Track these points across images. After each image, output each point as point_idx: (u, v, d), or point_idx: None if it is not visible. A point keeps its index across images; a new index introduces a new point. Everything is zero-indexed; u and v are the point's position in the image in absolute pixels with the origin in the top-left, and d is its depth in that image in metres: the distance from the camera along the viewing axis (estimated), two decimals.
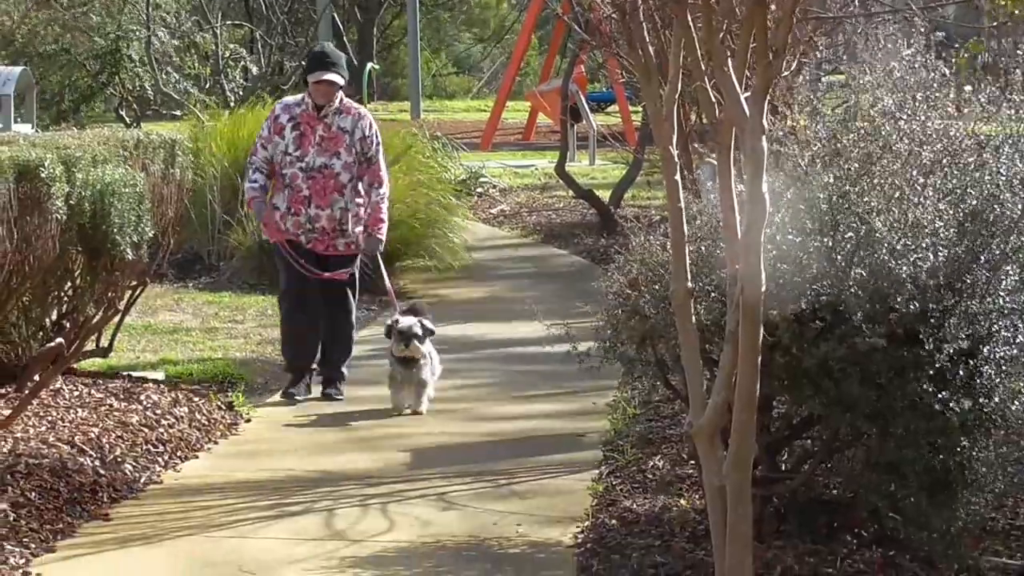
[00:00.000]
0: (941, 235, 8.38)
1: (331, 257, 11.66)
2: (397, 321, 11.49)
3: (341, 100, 11.52)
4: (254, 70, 30.78)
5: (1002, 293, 8.33)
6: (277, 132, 11.29)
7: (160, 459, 11.06)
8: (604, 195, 25.04)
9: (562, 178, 26.34)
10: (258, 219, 11.62)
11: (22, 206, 10.39)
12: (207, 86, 27.47)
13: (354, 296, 12.14)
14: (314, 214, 11.27)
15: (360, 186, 11.67)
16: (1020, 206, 8.72)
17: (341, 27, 49.39)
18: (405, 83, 46.92)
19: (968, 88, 9.33)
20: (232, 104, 25.78)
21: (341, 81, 11.44)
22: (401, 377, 11.24)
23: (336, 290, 11.84)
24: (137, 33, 28.98)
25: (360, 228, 11.74)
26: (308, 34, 41.42)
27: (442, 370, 12.34)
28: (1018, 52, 9.70)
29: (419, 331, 11.13)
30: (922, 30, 10.14)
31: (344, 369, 12.56)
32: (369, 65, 51.39)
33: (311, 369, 12.14)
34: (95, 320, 12.23)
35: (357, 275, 12.16)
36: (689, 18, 7.65)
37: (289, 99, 11.74)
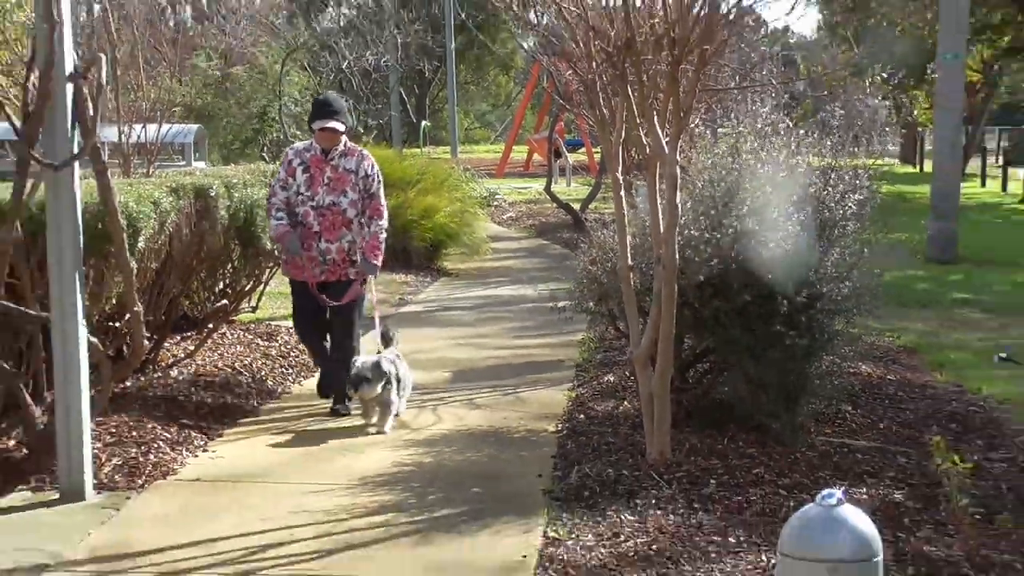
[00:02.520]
0: (790, 230, 8.44)
1: (340, 283, 9.76)
2: (353, 363, 9.27)
3: (345, 143, 9.75)
4: (349, 122, 30.60)
5: (828, 266, 8.42)
6: (289, 174, 9.65)
7: (290, 377, 11.14)
8: (576, 205, 25.08)
9: (548, 195, 26.44)
10: (293, 253, 9.59)
11: (198, 215, 10.42)
12: None
13: (358, 321, 10.01)
14: (324, 247, 9.59)
15: (363, 220, 9.79)
16: (840, 212, 8.84)
17: (404, 97, 49.23)
18: (447, 134, 46.76)
19: (803, 133, 9.43)
20: None
21: (342, 128, 9.69)
22: (370, 402, 9.29)
23: (342, 318, 9.83)
24: (274, 103, 28.93)
25: (360, 257, 9.79)
26: (382, 102, 41.30)
27: (411, 392, 9.94)
28: (840, 112, 9.81)
29: (368, 375, 9.03)
30: (775, 96, 10.19)
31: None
32: (424, 122, 51.30)
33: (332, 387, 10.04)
34: (247, 288, 12.26)
35: (362, 305, 10.09)
36: (629, 90, 7.69)
37: (299, 144, 10.07)
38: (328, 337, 10.03)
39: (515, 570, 6.39)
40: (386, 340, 9.80)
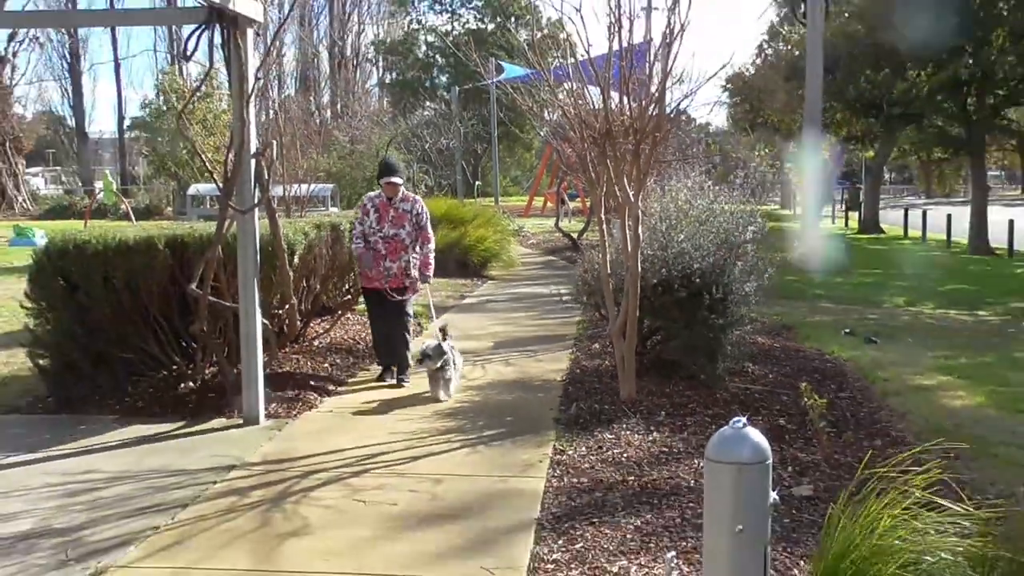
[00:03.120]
0: (711, 249, 8.35)
1: (399, 289, 8.95)
2: (422, 344, 8.58)
3: (403, 191, 9.04)
4: (429, 182, 30.55)
5: (735, 273, 8.31)
6: (365, 214, 8.99)
7: None
8: (574, 235, 24.89)
9: (557, 229, 26.19)
10: (367, 267, 8.93)
11: (332, 240, 10.38)
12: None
13: (409, 317, 9.26)
14: (389, 265, 8.89)
15: (417, 245, 9.06)
16: (743, 237, 8.74)
17: (464, 166, 49.21)
18: (491, 189, 46.76)
19: (718, 188, 9.36)
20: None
21: (400, 181, 8.99)
22: (435, 378, 8.31)
23: (399, 311, 9.03)
24: None
25: (417, 271, 9.05)
26: (450, 169, 41.22)
27: (463, 363, 9.16)
28: (741, 174, 9.72)
29: (430, 353, 8.26)
30: (701, 165, 10.11)
31: (407, 370, 9.09)
32: (477, 182, 51.30)
33: (393, 363, 9.16)
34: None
35: (411, 308, 9.30)
36: (608, 161, 7.62)
37: (371, 194, 9.26)
38: (386, 343, 9.20)
39: (534, 467, 6.31)
40: (443, 334, 8.68)
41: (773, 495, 3.40)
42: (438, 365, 8.28)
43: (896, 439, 6.88)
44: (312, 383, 8.86)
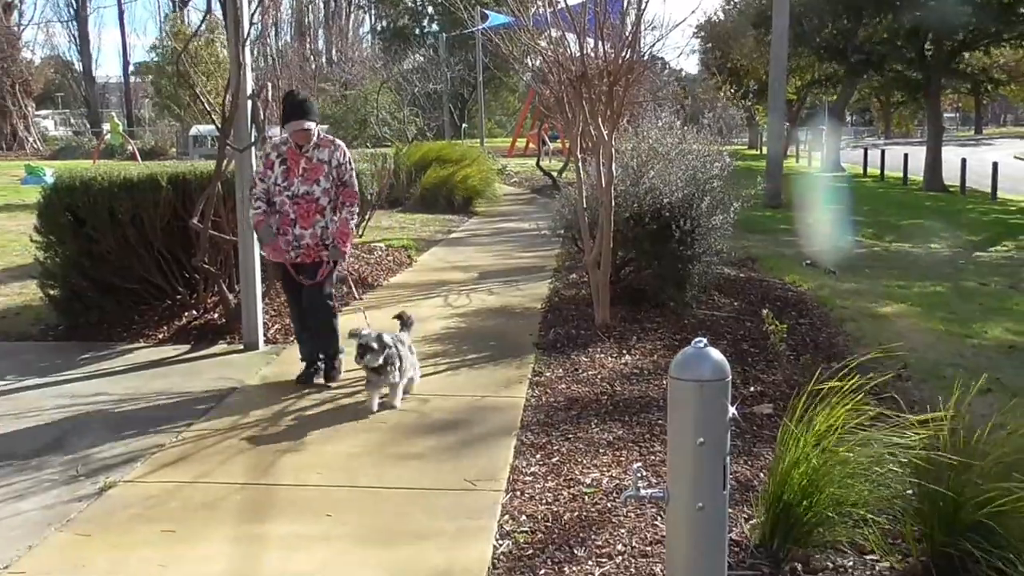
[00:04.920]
0: (679, 185, 8.31)
1: (315, 264, 6.49)
2: (358, 333, 5.90)
3: (318, 136, 6.41)
4: (419, 124, 30.18)
5: (702, 207, 8.28)
6: (269, 167, 6.41)
7: (385, 273, 10.99)
8: (554, 173, 24.74)
9: (538, 167, 26.04)
10: (264, 241, 6.51)
11: None
12: (400, 135, 26.94)
13: (332, 298, 6.66)
14: (299, 233, 6.37)
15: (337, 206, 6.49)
16: (711, 173, 8.69)
17: (452, 109, 48.61)
18: (477, 131, 46.25)
19: (687, 128, 9.29)
20: (410, 140, 25.43)
21: (314, 126, 6.36)
22: (373, 382, 5.90)
23: (314, 294, 6.51)
24: (372, 113, 28.54)
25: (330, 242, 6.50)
26: (438, 112, 40.77)
27: (420, 371, 6.45)
28: (709, 116, 9.64)
29: (374, 345, 5.78)
30: (671, 107, 10.00)
31: (337, 360, 6.65)
32: (463, 124, 50.80)
33: (319, 357, 6.63)
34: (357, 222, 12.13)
35: (332, 281, 6.70)
36: (584, 103, 7.54)
37: (276, 139, 6.65)
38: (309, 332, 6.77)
39: (516, 384, 6.37)
40: (402, 323, 6.54)
41: (732, 410, 3.41)
42: (378, 363, 5.88)
43: (852, 363, 6.91)
44: None
